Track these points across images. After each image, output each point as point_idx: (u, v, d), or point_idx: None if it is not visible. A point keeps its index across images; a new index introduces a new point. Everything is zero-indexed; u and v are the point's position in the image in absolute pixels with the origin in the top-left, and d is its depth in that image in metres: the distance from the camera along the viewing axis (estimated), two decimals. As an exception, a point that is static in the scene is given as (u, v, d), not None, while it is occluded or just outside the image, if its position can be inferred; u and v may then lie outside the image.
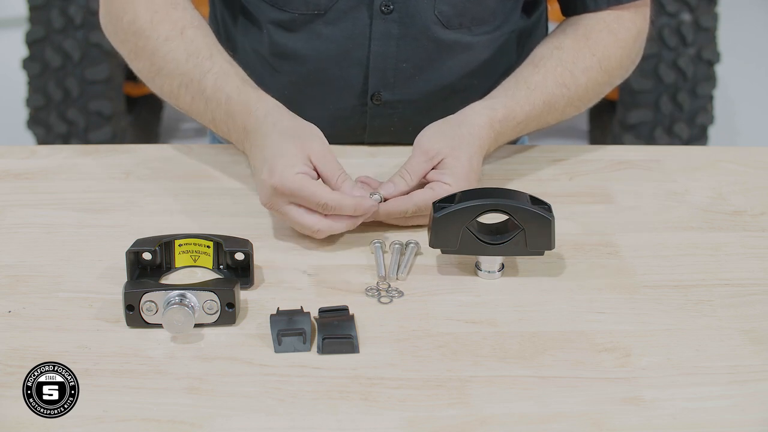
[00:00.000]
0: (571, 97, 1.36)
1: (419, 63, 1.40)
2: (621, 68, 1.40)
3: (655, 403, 0.99)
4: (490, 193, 1.16)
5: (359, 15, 1.37)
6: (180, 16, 1.31)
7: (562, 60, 1.35)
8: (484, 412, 0.97)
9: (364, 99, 1.42)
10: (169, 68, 1.30)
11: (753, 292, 1.15)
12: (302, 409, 0.97)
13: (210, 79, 1.28)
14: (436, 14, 1.37)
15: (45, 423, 0.95)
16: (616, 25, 1.38)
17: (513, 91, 1.33)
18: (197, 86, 1.28)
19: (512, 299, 1.13)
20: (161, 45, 1.30)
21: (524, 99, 1.32)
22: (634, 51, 1.41)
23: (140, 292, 1.06)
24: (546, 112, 1.34)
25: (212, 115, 1.29)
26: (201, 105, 1.29)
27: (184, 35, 1.30)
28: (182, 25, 1.31)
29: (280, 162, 1.17)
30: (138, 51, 1.33)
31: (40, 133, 2.76)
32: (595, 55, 1.37)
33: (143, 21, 1.31)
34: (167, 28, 1.30)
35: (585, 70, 1.36)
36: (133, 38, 1.33)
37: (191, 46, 1.29)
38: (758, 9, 4.16)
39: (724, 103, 3.27)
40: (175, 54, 1.29)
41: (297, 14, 1.38)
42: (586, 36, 1.38)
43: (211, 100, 1.28)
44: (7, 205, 1.28)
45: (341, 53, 1.39)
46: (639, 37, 1.41)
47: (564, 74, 1.35)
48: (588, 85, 1.36)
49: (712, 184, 1.37)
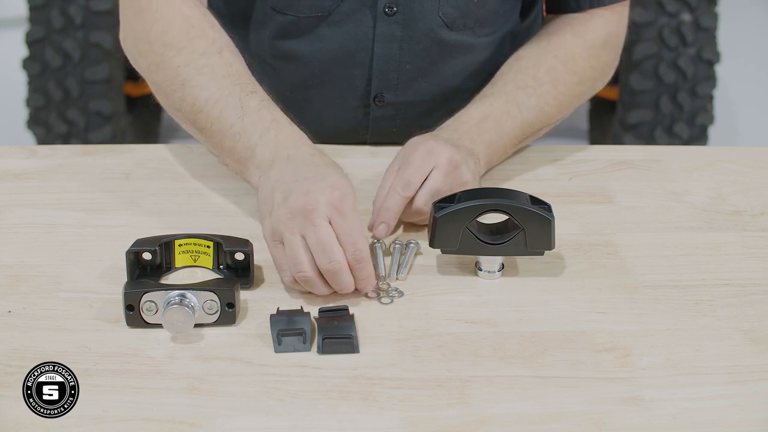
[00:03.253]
0: (540, 95, 1.34)
1: (422, 65, 1.40)
2: (591, 69, 1.38)
3: (655, 403, 0.99)
4: (490, 193, 1.16)
5: (362, 17, 1.37)
6: (217, 36, 1.27)
7: (521, 68, 1.35)
8: (484, 412, 0.97)
9: (367, 100, 1.43)
10: (202, 80, 1.24)
11: (753, 292, 1.15)
12: (302, 409, 0.97)
13: (254, 99, 1.22)
14: (440, 16, 1.37)
15: (45, 423, 0.95)
16: (581, 29, 1.38)
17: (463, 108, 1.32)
18: (236, 101, 1.22)
19: (512, 299, 1.13)
20: (197, 58, 1.25)
21: (478, 103, 1.32)
22: (605, 53, 1.40)
23: (140, 292, 1.06)
24: (515, 107, 1.32)
25: (242, 128, 1.21)
26: (231, 118, 1.22)
27: (222, 55, 1.25)
28: (220, 46, 1.26)
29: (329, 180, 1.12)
30: (163, 62, 1.27)
31: (40, 133, 2.75)
32: (558, 57, 1.36)
33: (177, 33, 1.26)
34: (204, 44, 1.26)
35: (548, 71, 1.35)
36: (161, 48, 1.27)
37: (230, 68, 1.25)
38: (758, 9, 4.16)
39: (724, 103, 3.27)
40: (211, 70, 1.24)
41: (300, 17, 1.38)
42: (548, 41, 1.38)
43: (251, 114, 1.21)
44: (7, 205, 1.28)
45: (344, 55, 1.39)
46: (609, 40, 1.39)
47: (525, 79, 1.34)
48: (557, 85, 1.35)
49: (712, 184, 1.37)
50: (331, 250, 1.08)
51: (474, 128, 1.29)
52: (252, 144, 1.20)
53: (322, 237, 1.08)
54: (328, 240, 1.08)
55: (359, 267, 1.09)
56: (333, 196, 1.10)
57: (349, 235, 1.08)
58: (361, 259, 1.09)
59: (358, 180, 1.34)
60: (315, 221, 1.08)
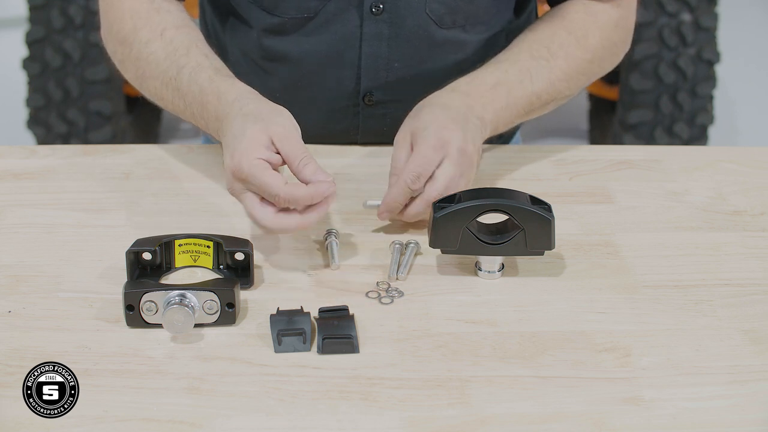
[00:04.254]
0: (552, 68, 1.34)
1: (411, 63, 1.40)
2: (603, 49, 1.39)
3: (655, 403, 0.99)
4: (490, 193, 1.16)
5: (349, 17, 1.37)
6: (161, 19, 1.31)
7: (536, 39, 1.35)
8: (484, 412, 0.97)
9: (356, 100, 1.42)
10: (151, 70, 1.29)
11: (753, 292, 1.15)
12: (302, 409, 0.97)
13: (185, 74, 1.26)
14: (428, 12, 1.37)
15: (45, 423, 0.95)
16: (594, 9, 1.38)
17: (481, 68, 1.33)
18: (174, 83, 1.27)
19: (512, 299, 1.13)
20: (143, 48, 1.30)
21: (492, 67, 1.32)
22: (616, 35, 1.40)
23: (140, 292, 1.06)
24: (527, 79, 1.32)
25: (191, 111, 1.26)
26: (180, 102, 1.27)
27: (164, 36, 1.29)
28: (162, 28, 1.30)
29: (240, 146, 1.13)
30: (125, 59, 1.33)
31: (40, 133, 2.76)
32: (572, 34, 1.36)
33: (127, 29, 1.32)
34: (147, 31, 1.30)
35: (562, 45, 1.35)
36: (120, 47, 1.33)
37: (169, 47, 1.29)
38: (758, 9, 4.16)
39: (724, 103, 3.27)
40: (155, 56, 1.29)
41: (287, 18, 1.38)
42: (561, 17, 1.38)
43: (187, 94, 1.25)
44: (7, 205, 1.28)
45: (332, 55, 1.39)
46: (620, 23, 1.40)
47: (540, 50, 1.34)
48: (568, 60, 1.35)
49: (712, 184, 1.37)
50: (257, 216, 1.12)
51: (487, 93, 1.29)
52: (201, 120, 1.25)
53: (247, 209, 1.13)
54: (250, 209, 1.13)
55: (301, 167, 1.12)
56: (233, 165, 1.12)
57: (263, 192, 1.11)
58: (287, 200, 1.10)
59: (354, 180, 1.34)
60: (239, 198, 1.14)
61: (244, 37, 1.43)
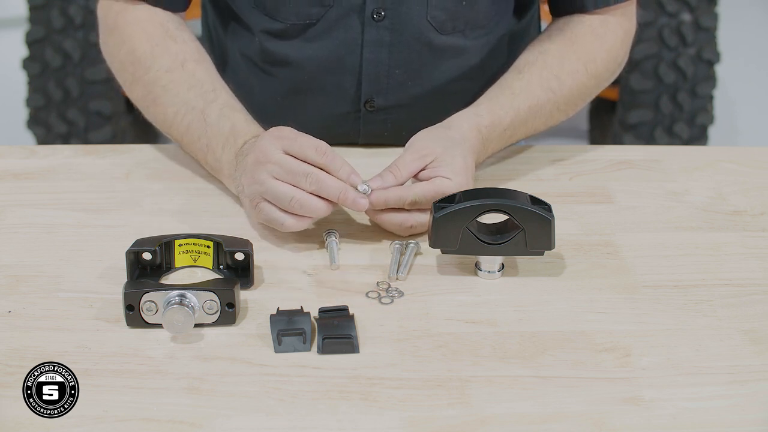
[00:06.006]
0: (557, 101, 1.36)
1: (412, 68, 1.40)
2: (607, 71, 1.40)
3: (655, 403, 0.99)
4: (490, 193, 1.16)
5: (351, 23, 1.37)
6: (180, 49, 1.33)
7: (547, 65, 1.36)
8: (484, 412, 0.97)
9: (357, 105, 1.43)
10: (168, 97, 1.31)
11: (753, 292, 1.15)
12: (302, 409, 0.97)
13: (215, 108, 1.29)
14: (429, 20, 1.37)
15: (45, 423, 0.95)
16: (602, 30, 1.39)
17: (498, 97, 1.33)
18: (199, 114, 1.29)
19: (512, 299, 1.13)
20: (162, 75, 1.32)
21: (508, 104, 1.32)
22: (620, 54, 1.42)
23: (140, 292, 1.06)
24: (532, 117, 1.34)
25: (207, 141, 1.28)
26: (197, 132, 1.29)
27: (185, 68, 1.32)
28: (182, 59, 1.33)
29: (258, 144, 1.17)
30: (136, 80, 1.35)
31: (40, 133, 2.76)
32: (581, 59, 1.37)
33: (142, 52, 1.33)
34: (168, 60, 1.32)
35: (571, 74, 1.36)
36: (131, 67, 1.34)
37: (192, 79, 1.31)
38: (758, 9, 4.16)
39: (724, 103, 3.27)
40: (175, 85, 1.31)
41: (289, 24, 1.38)
42: (571, 40, 1.38)
43: (213, 126, 1.28)
44: (7, 205, 1.28)
45: (333, 61, 1.39)
46: (626, 39, 1.42)
47: (549, 78, 1.35)
48: (574, 89, 1.36)
49: (712, 184, 1.37)
50: (298, 166, 1.14)
51: (497, 138, 1.32)
52: (218, 156, 1.27)
53: (285, 164, 1.14)
54: (290, 162, 1.14)
55: (328, 160, 1.14)
56: (272, 134, 1.17)
57: (303, 146, 1.15)
58: (326, 151, 1.15)
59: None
60: (271, 159, 1.15)
61: (245, 40, 1.43)
